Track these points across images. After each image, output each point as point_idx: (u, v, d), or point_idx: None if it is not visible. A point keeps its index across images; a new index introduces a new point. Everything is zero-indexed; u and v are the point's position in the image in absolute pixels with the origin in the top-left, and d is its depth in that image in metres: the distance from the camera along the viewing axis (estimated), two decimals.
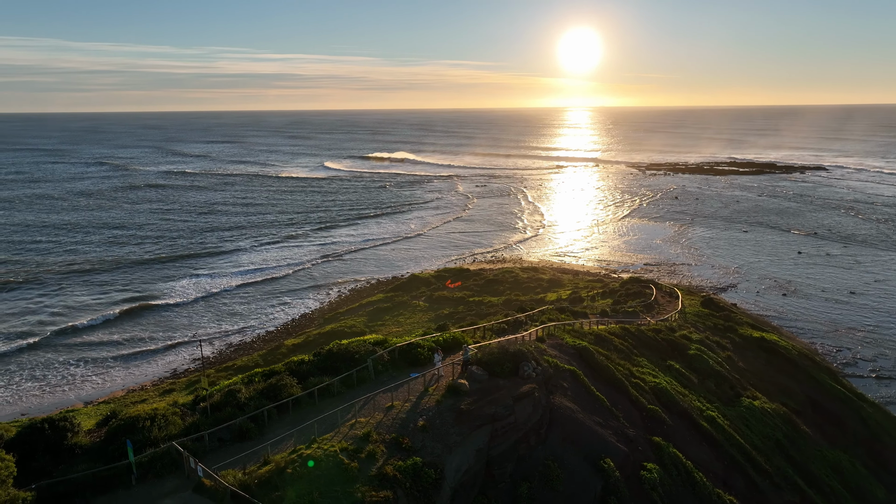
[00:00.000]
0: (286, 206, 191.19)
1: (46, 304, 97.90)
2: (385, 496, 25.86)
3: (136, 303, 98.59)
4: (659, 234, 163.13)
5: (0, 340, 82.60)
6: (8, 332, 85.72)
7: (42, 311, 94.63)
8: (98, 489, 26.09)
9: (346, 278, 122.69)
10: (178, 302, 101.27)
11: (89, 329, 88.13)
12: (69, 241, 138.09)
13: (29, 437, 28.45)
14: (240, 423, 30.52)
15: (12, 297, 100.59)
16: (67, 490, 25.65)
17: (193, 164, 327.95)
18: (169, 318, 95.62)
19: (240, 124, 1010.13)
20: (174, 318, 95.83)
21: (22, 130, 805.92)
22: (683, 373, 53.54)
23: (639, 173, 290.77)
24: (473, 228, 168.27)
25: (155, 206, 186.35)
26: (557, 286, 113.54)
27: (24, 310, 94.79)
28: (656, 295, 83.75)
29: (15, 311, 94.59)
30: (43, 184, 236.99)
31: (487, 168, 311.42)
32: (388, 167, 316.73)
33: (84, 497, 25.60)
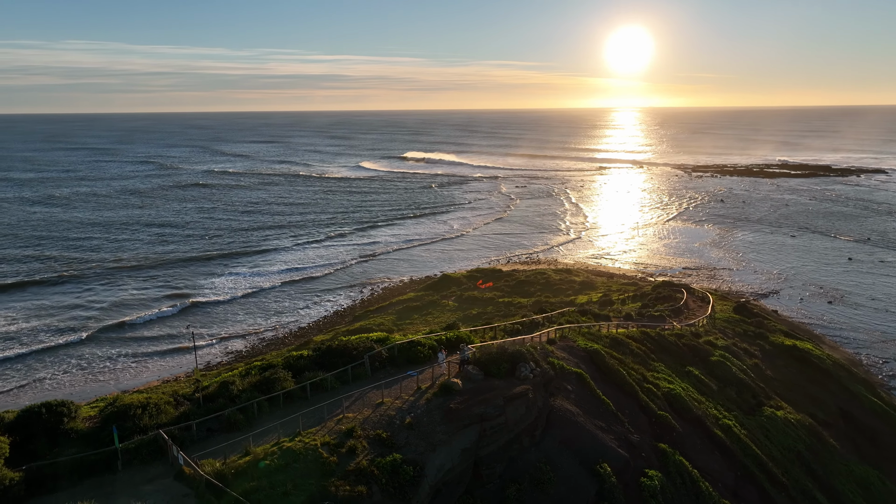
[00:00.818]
0: (327, 206, 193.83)
1: (96, 299, 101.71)
2: (359, 491, 25.80)
3: (179, 300, 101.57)
4: (701, 238, 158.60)
5: (55, 333, 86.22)
6: (62, 326, 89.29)
7: (92, 306, 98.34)
8: (85, 473, 26.93)
9: (380, 277, 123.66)
10: (217, 300, 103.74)
11: (134, 324, 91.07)
12: (118, 239, 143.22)
13: (27, 420, 29.64)
14: (228, 415, 31.02)
15: (66, 291, 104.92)
16: (55, 473, 26.56)
17: (237, 163, 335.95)
18: (208, 314, 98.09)
19: (284, 125, 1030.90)
20: (213, 314, 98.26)
21: (81, 130, 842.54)
22: (703, 379, 51.74)
23: (684, 175, 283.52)
24: (513, 230, 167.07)
25: (199, 205, 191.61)
26: (589, 289, 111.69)
27: (75, 304, 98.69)
28: (686, 299, 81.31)
29: (68, 304, 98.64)
30: (93, 182, 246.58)
31: (530, 169, 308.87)
32: (428, 167, 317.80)
33: (71, 480, 26.47)
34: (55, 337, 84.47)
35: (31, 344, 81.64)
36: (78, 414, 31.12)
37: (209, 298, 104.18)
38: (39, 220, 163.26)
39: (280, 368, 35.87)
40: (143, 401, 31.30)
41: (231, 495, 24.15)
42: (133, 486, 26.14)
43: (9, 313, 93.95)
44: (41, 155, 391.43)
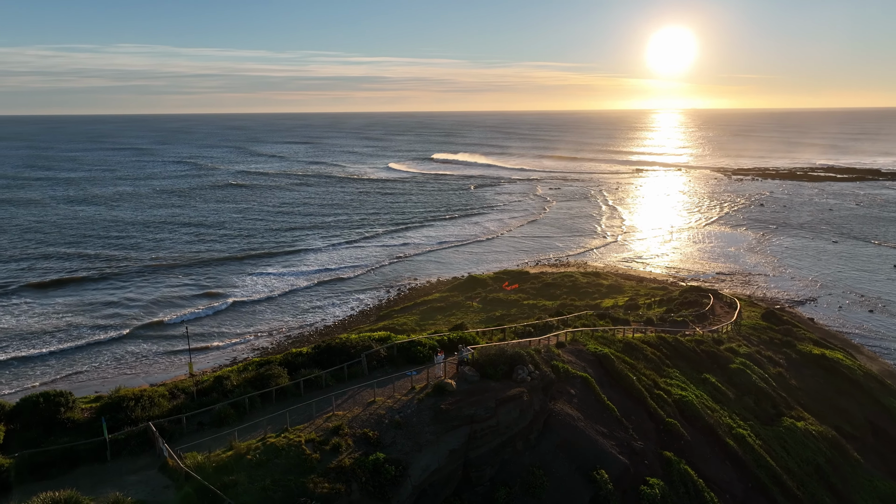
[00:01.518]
0: (360, 207, 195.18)
1: (134, 296, 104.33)
2: (337, 488, 25.67)
3: (212, 300, 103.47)
4: (738, 242, 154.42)
5: (95, 329, 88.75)
6: (102, 323, 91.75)
7: (130, 303, 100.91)
8: (76, 462, 27.53)
9: (408, 278, 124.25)
10: (249, 299, 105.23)
11: (170, 323, 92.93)
12: (155, 238, 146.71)
13: (25, 409, 30.43)
14: (219, 409, 31.31)
15: (106, 288, 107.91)
16: (47, 461, 27.19)
17: (271, 164, 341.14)
18: (239, 313, 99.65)
19: (321, 126, 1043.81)
20: (244, 313, 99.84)
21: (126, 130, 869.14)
22: (719, 387, 50.09)
23: (724, 178, 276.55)
24: (546, 232, 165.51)
25: (233, 205, 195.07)
26: (616, 292, 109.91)
27: (114, 302, 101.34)
28: (713, 305, 79.04)
29: (107, 301, 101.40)
30: (133, 182, 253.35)
31: (567, 172, 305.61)
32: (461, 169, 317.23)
33: (61, 468, 27.10)
34: (95, 333, 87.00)
35: (72, 340, 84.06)
36: (76, 405, 31.84)
37: (241, 298, 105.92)
38: (82, 219, 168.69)
39: (275, 365, 36.08)
40: (137, 393, 31.87)
41: (209, 489, 24.31)
42: (119, 475, 26.60)
43: (53, 309, 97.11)
44: (85, 155, 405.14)
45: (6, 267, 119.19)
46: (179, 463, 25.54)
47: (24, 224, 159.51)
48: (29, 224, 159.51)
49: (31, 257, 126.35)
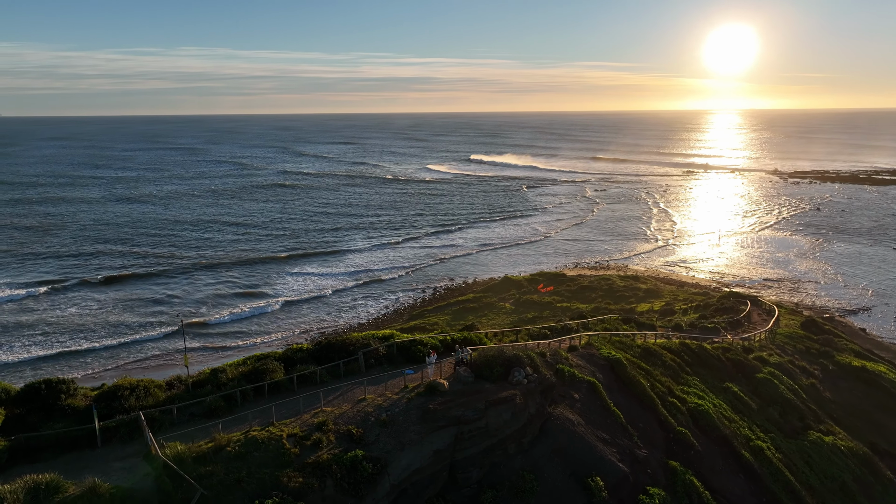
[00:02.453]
0: (402, 208, 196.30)
1: (179, 294, 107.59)
2: (310, 483, 25.85)
3: (255, 299, 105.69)
4: (789, 248, 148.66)
5: (142, 327, 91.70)
6: (150, 320, 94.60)
7: (174, 301, 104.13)
8: (68, 447, 28.63)
9: (444, 278, 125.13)
10: (289, 298, 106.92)
11: (214, 323, 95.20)
12: (201, 237, 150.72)
13: (27, 395, 31.86)
14: (210, 401, 32.00)
15: (154, 285, 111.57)
16: (41, 445, 28.37)
17: (314, 164, 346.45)
18: (279, 311, 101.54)
19: (367, 126, 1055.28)
20: (284, 311, 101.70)
21: (180, 131, 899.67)
22: (741, 397, 48.17)
23: (780, 181, 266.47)
24: (591, 235, 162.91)
25: (275, 206, 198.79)
26: (654, 297, 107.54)
27: (160, 299, 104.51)
28: (750, 312, 76.19)
29: (154, 299, 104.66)
30: (180, 181, 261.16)
31: (616, 174, 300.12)
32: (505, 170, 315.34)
33: (54, 452, 28.25)
34: (142, 329, 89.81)
35: (120, 335, 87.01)
36: (77, 392, 33.10)
37: (281, 297, 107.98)
38: (132, 218, 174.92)
39: (271, 360, 36.63)
40: (134, 383, 32.90)
41: (184, 478, 24.87)
42: (106, 462, 27.53)
43: (104, 305, 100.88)
44: (139, 154, 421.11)
45: (63, 263, 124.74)
46: (158, 452, 26.24)
47: (79, 222, 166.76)
48: (84, 222, 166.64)
49: (85, 254, 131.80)
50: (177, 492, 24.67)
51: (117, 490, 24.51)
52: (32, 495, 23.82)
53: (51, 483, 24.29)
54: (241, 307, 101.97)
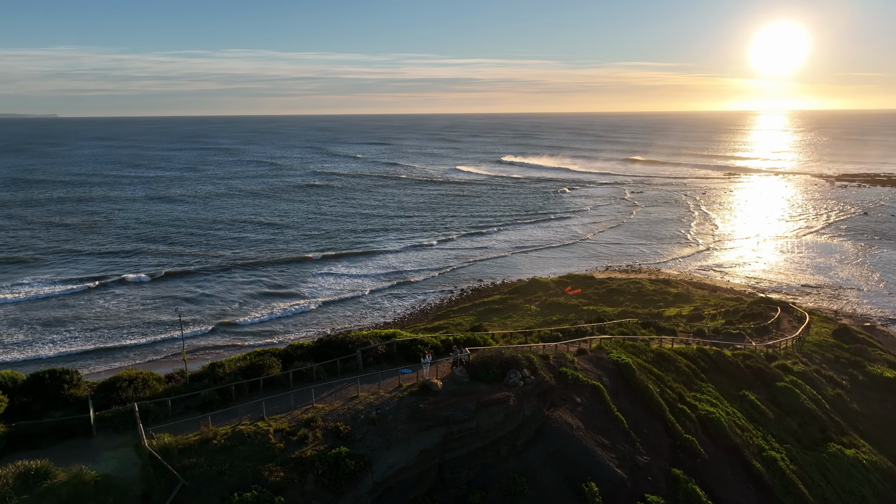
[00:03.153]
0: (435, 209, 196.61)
1: (212, 292, 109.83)
2: (290, 478, 26.20)
3: (285, 299, 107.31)
4: (831, 253, 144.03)
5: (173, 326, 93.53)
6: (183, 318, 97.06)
7: (208, 299, 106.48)
8: (65, 435, 29.71)
9: (472, 279, 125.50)
10: (319, 297, 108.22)
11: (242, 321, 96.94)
12: (234, 237, 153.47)
13: (32, 384, 33.15)
14: (205, 394, 32.69)
15: (189, 284, 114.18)
16: (40, 432, 29.48)
17: (346, 164, 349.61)
18: (308, 310, 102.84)
19: (402, 127, 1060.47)
20: (312, 310, 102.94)
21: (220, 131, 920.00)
22: (758, 405, 46.84)
23: (826, 185, 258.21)
24: (627, 238, 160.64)
25: (308, 206, 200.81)
26: (684, 301, 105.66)
27: (195, 298, 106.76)
28: (780, 318, 74.03)
29: (188, 297, 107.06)
30: (214, 181, 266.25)
31: (656, 176, 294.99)
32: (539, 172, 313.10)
33: (51, 440, 29.37)
34: (175, 329, 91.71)
35: (155, 333, 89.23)
36: (81, 382, 34.27)
37: (311, 296, 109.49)
38: (169, 217, 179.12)
39: (269, 355, 37.21)
40: (133, 375, 33.86)
41: (167, 468, 25.52)
42: (99, 451, 28.45)
43: (141, 302, 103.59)
44: (178, 154, 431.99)
45: (103, 261, 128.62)
46: (145, 442, 26.97)
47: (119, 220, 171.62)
48: (123, 221, 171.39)
49: (123, 252, 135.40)
50: (160, 482, 25.33)
51: (102, 478, 25.32)
52: (22, 480, 24.79)
53: (41, 469, 25.24)
54: (272, 306, 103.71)
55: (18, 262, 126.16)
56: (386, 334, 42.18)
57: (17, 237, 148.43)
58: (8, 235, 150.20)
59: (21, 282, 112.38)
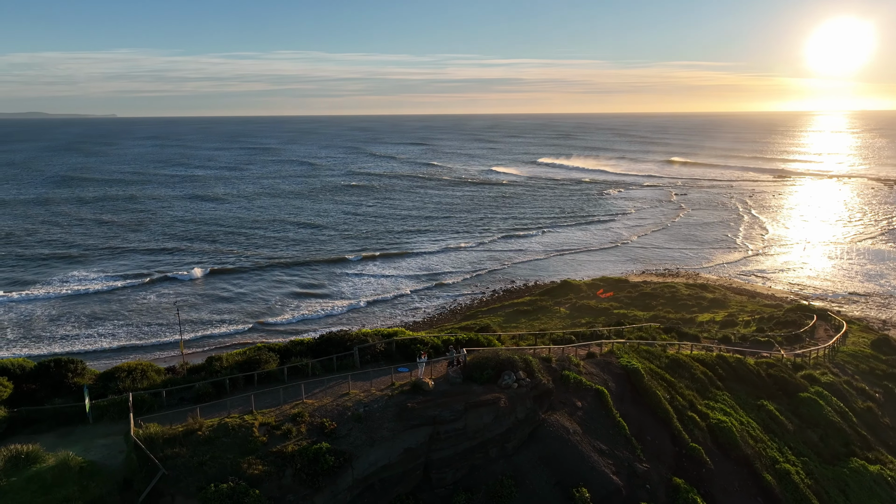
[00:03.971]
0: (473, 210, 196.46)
1: (248, 292, 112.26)
2: (269, 471, 26.68)
3: (317, 300, 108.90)
4: (884, 261, 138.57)
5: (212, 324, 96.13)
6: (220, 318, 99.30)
7: (244, 298, 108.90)
8: (63, 422, 31.02)
9: (505, 280, 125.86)
10: (351, 299, 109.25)
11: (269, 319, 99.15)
12: (272, 237, 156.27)
13: (39, 372, 34.74)
14: (199, 387, 33.60)
15: (227, 284, 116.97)
16: (41, 417, 30.89)
17: (382, 165, 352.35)
18: (341, 310, 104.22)
19: (442, 127, 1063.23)
20: (345, 309, 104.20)
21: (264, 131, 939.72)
22: (776, 416, 45.33)
23: (884, 188, 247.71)
24: (670, 242, 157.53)
25: (343, 207, 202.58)
26: (719, 307, 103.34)
27: (232, 297, 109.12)
28: (815, 327, 71.45)
29: (226, 296, 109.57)
30: (253, 181, 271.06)
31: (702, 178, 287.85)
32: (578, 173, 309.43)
33: (49, 425, 30.70)
34: (210, 327, 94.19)
35: (194, 330, 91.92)
36: (85, 371, 35.70)
37: (344, 296, 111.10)
38: (207, 216, 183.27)
39: (266, 350, 37.98)
40: (133, 366, 35.09)
41: (149, 457, 26.36)
42: (92, 438, 29.65)
43: (181, 300, 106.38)
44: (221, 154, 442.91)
45: (145, 258, 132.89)
46: (132, 431, 27.90)
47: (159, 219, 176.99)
48: (164, 219, 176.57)
49: (166, 250, 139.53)
50: (142, 470, 26.19)
51: (87, 464, 26.35)
52: (13, 463, 26.03)
53: (31, 453, 26.43)
54: (307, 305, 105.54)
55: (67, 257, 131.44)
56: (387, 333, 42.51)
57: (66, 233, 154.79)
58: (58, 231, 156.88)
59: (67, 277, 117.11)
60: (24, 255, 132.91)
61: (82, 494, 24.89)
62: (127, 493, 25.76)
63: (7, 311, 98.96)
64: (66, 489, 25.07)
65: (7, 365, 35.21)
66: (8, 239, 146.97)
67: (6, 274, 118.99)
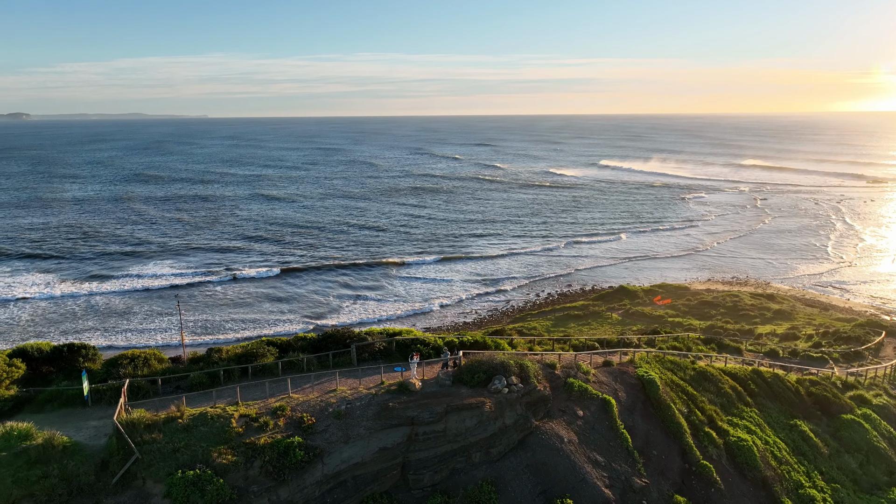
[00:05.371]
0: (537, 213, 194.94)
1: (305, 293, 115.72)
2: (237, 462, 27.67)
3: (376, 302, 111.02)
4: None
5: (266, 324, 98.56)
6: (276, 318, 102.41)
7: (304, 298, 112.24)
8: (67, 403, 33.42)
9: (561, 283, 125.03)
10: (410, 304, 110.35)
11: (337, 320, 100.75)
12: (333, 237, 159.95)
13: (54, 356, 37.61)
14: (194, 377, 35.21)
15: (285, 285, 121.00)
16: (45, 398, 33.29)
17: (443, 165, 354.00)
18: (398, 316, 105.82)
19: (510, 128, 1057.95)
20: (401, 314, 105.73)
21: (333, 131, 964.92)
22: (810, 438, 42.83)
23: None
24: (748, 251, 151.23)
25: (405, 210, 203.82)
26: (784, 319, 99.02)
27: (287, 298, 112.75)
28: (881, 344, 66.86)
29: (284, 297, 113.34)
30: (317, 182, 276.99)
31: (784, 183, 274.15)
32: (647, 177, 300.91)
33: (53, 406, 33.11)
34: (267, 326, 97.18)
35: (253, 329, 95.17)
36: (97, 357, 38.18)
37: (396, 297, 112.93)
38: (270, 217, 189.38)
39: (264, 344, 39.29)
40: (137, 354, 37.17)
41: (128, 441, 27.91)
42: (84, 419, 31.71)
43: (241, 299, 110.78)
44: (290, 154, 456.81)
45: (212, 256, 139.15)
46: (115, 415, 29.58)
47: (227, 218, 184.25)
48: (232, 219, 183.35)
49: (229, 249, 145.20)
50: (119, 452, 27.80)
51: (71, 444, 28.21)
52: (5, 439, 28.18)
53: (23, 431, 28.54)
54: (362, 307, 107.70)
55: (135, 254, 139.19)
56: (393, 332, 43.01)
57: (138, 230, 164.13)
58: (130, 228, 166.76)
59: (139, 272, 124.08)
60: (99, 250, 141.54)
61: (61, 472, 26.74)
62: (103, 473, 27.44)
63: (85, 302, 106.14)
64: (47, 466, 26.98)
65: (27, 348, 38.11)
66: (85, 235, 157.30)
67: (85, 267, 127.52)
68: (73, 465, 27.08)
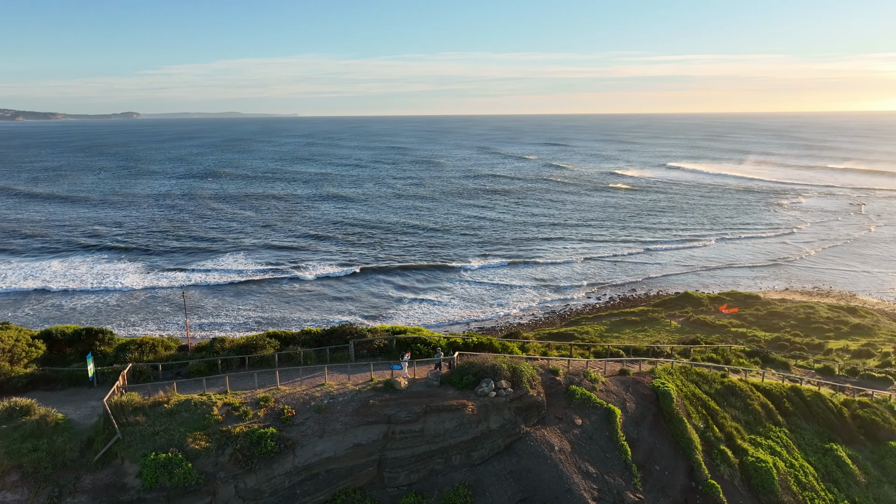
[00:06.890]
0: (609, 217, 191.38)
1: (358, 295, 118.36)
2: (209, 448, 29.10)
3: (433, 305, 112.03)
4: None
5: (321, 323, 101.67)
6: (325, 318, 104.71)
7: (362, 299, 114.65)
8: (76, 383, 36.44)
9: (624, 288, 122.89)
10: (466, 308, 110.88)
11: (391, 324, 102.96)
12: (393, 238, 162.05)
13: (74, 338, 41.06)
14: (192, 364, 37.27)
15: (346, 286, 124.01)
16: (58, 377, 36.42)
17: (510, 165, 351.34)
18: (457, 322, 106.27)
19: (584, 127, 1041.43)
20: (456, 318, 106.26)
21: (405, 130, 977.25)
22: (846, 464, 40.38)
23: None
24: (839, 260, 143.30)
25: (469, 211, 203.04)
26: (861, 334, 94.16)
27: (342, 298, 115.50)
28: None
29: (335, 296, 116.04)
30: (382, 181, 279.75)
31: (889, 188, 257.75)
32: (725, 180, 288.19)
33: (63, 385, 36.29)
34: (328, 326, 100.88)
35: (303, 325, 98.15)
36: (113, 341, 41.15)
37: (453, 300, 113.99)
38: (332, 216, 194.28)
39: (268, 337, 40.97)
40: (147, 341, 39.72)
41: (112, 422, 29.96)
42: (85, 399, 34.36)
43: (308, 295, 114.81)
44: (358, 152, 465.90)
45: (273, 254, 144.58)
46: (105, 397, 31.72)
47: (292, 216, 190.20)
48: (297, 217, 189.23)
49: (292, 248, 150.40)
50: (104, 432, 29.94)
51: (64, 421, 30.72)
52: (8, 413, 31.01)
53: (24, 407, 31.25)
54: (420, 309, 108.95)
55: (202, 250, 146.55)
56: (398, 330, 43.77)
57: (202, 227, 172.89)
58: (200, 223, 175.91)
59: (199, 268, 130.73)
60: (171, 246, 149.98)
61: (49, 446, 29.22)
62: (87, 450, 29.70)
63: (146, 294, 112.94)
64: (38, 440, 29.53)
65: (52, 330, 41.67)
66: (161, 230, 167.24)
67: (157, 261, 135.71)
68: (60, 440, 29.45)
